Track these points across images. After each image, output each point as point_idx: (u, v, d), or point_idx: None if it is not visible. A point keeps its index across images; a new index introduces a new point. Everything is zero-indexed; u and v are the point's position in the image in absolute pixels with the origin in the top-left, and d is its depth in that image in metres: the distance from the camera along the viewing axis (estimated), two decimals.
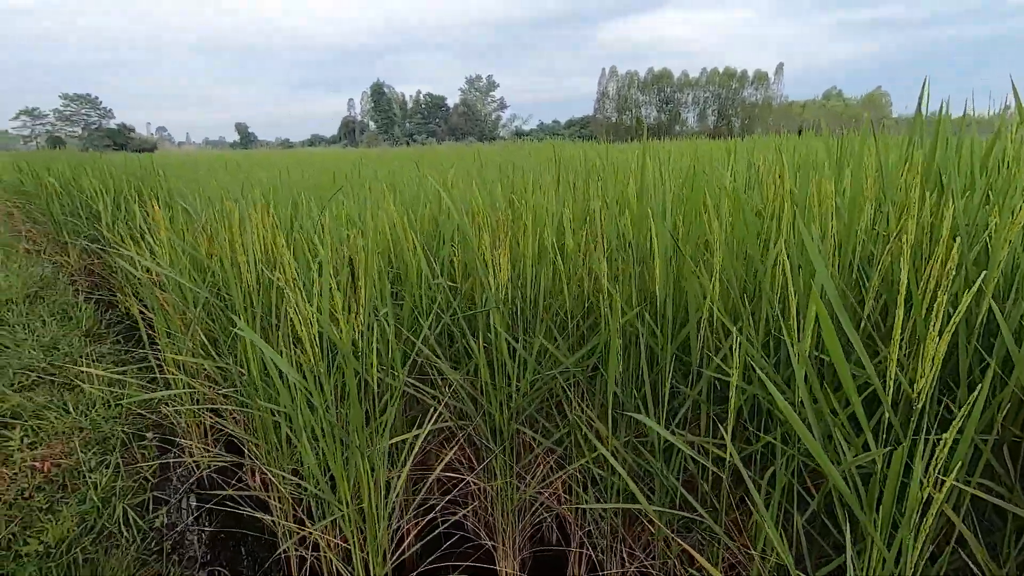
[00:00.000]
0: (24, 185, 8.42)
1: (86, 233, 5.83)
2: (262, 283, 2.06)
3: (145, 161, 8.38)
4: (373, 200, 2.63)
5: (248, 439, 2.17)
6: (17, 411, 2.92)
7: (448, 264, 2.14)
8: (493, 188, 2.56)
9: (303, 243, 2.00)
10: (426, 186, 2.89)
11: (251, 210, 2.28)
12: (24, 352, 3.77)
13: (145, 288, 3.89)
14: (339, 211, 2.48)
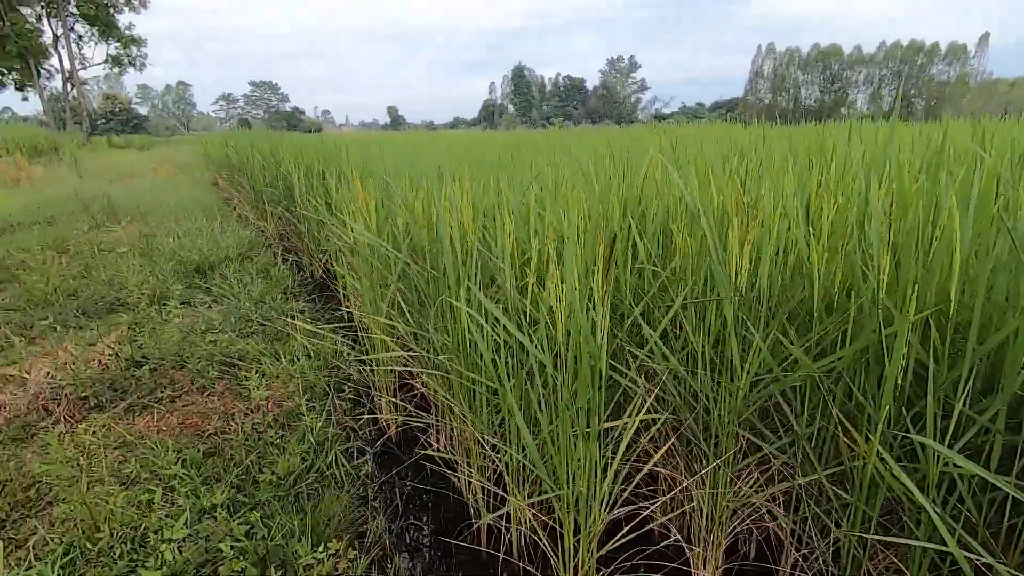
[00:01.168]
0: (231, 159, 9.73)
1: (282, 203, 6.59)
2: (474, 255, 2.11)
3: (327, 139, 9.28)
4: (566, 180, 2.58)
5: (446, 401, 2.26)
6: (242, 355, 3.36)
7: (658, 247, 2.02)
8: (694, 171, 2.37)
9: (526, 217, 2.00)
10: (619, 168, 2.78)
11: (455, 185, 2.34)
12: (241, 303, 4.34)
13: (338, 254, 4.26)
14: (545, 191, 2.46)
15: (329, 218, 4.19)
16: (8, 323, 4.06)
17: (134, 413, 2.82)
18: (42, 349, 3.62)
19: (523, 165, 4.12)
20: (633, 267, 2.00)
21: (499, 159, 4.56)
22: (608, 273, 1.31)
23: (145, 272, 5.08)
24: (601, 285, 1.32)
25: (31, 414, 2.79)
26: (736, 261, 1.56)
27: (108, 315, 4.30)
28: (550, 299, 1.39)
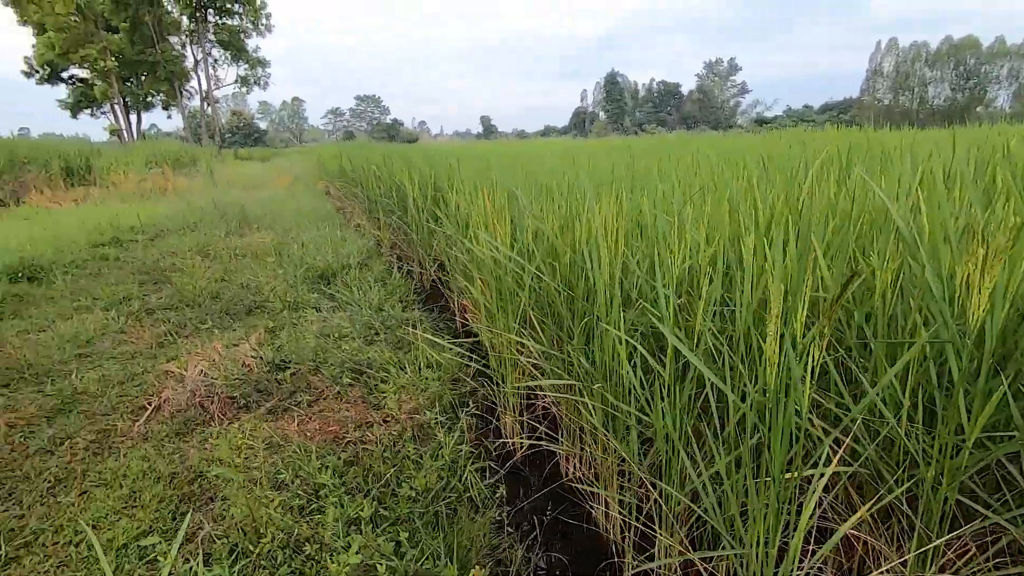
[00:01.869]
0: (346, 170, 10.32)
1: (395, 212, 6.85)
2: (626, 277, 2.00)
3: (433, 149, 9.60)
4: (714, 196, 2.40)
5: (588, 428, 2.15)
6: (370, 362, 3.46)
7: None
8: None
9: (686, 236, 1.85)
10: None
11: (605, 201, 2.23)
12: (363, 311, 4.51)
13: (453, 264, 4.31)
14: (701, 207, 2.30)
15: (454, 231, 4.25)
16: (167, 321, 4.49)
17: (276, 415, 2.98)
18: (195, 347, 3.96)
19: (644, 174, 3.95)
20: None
21: (615, 168, 4.43)
22: (831, 317, 1.14)
23: (277, 277, 5.45)
24: (824, 330, 1.15)
25: (189, 409, 3.03)
26: (971, 298, 1.32)
27: (247, 317, 4.64)
28: (768, 348, 1.23)
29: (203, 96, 38.83)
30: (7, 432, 2.85)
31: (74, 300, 5.23)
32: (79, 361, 3.74)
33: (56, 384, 3.40)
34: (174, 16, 35.96)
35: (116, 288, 5.50)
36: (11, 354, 3.84)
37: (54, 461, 2.60)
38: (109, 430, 2.88)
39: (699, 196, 2.58)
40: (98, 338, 4.18)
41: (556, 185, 3.49)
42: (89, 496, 2.32)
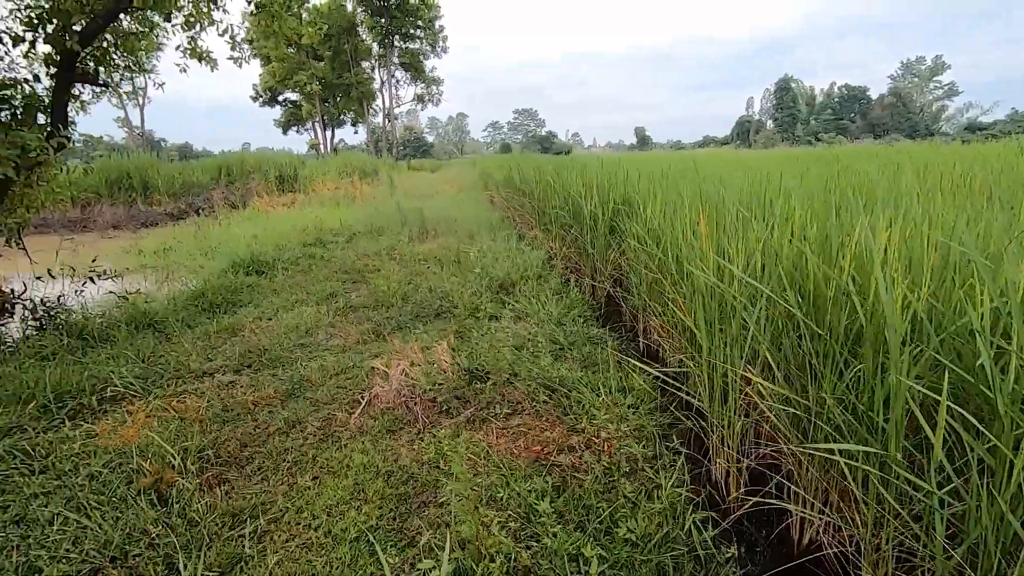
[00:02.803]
0: (515, 181, 10.63)
1: (570, 226, 6.82)
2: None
3: (592, 161, 9.48)
4: None
5: (849, 491, 1.79)
6: (562, 380, 3.37)
7: None
8: None
9: None
10: None
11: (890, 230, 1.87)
12: (545, 324, 4.48)
13: (643, 282, 4.07)
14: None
15: (651, 248, 4.04)
16: (369, 320, 4.89)
17: (475, 424, 3.01)
18: (394, 346, 4.24)
19: (865, 187, 3.35)
20: None
21: (814, 181, 3.85)
22: None
23: (460, 285, 5.69)
24: None
25: (397, 408, 3.20)
26: None
27: (435, 320, 4.88)
28: None
29: (385, 113, 43.42)
30: (252, 410, 3.25)
31: (292, 293, 5.97)
32: (302, 351, 4.20)
33: (287, 370, 3.83)
34: (367, 44, 40.71)
35: (324, 285, 6.17)
36: (251, 339, 4.45)
37: (290, 443, 2.88)
38: (331, 419, 3.14)
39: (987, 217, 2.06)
40: (314, 330, 4.68)
41: (769, 199, 3.11)
42: (321, 483, 2.51)
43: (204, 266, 8.70)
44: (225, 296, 5.79)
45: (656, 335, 4.27)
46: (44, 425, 3.02)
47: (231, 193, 18.32)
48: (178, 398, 3.41)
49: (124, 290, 5.50)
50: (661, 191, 4.77)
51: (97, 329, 4.59)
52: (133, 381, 3.52)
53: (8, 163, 4.09)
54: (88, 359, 3.96)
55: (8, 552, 2.08)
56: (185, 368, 3.88)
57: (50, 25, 4.66)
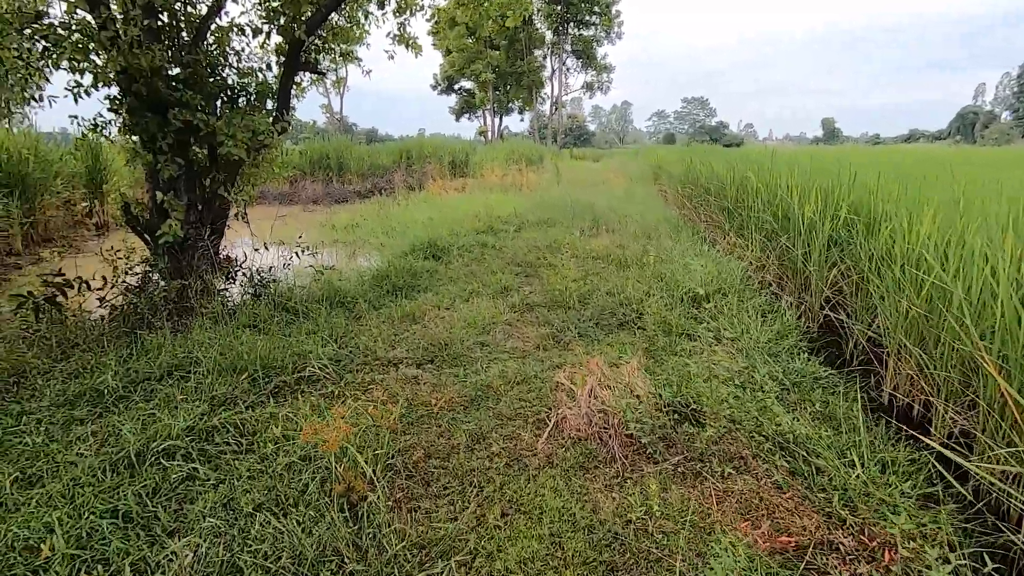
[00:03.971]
0: (698, 176, 9.66)
1: (776, 233, 5.86)
2: None
3: (799, 158, 8.14)
4: None
5: None
6: (794, 436, 2.69)
7: None
8: None
9: None
10: None
11: None
12: (751, 351, 3.76)
13: (899, 317, 3.16)
14: None
15: (943, 284, 3.14)
16: (548, 323, 4.58)
17: (686, 479, 2.49)
18: (576, 357, 3.86)
19: None
20: None
21: None
22: None
23: (642, 291, 5.13)
24: None
25: (589, 439, 2.79)
26: None
27: (619, 331, 4.41)
28: None
29: (553, 101, 43.65)
30: (436, 414, 3.09)
31: (467, 283, 5.91)
32: (481, 350, 4.01)
33: (467, 370, 3.65)
34: (540, 32, 41.08)
35: (498, 277, 6.03)
36: (431, 330, 4.39)
37: (475, 462, 2.63)
38: (516, 438, 2.85)
39: None
40: (491, 327, 4.49)
41: None
42: (512, 525, 2.20)
43: (385, 244, 9.24)
44: (406, 280, 5.91)
45: (912, 386, 3.33)
46: (252, 399, 3.15)
47: (409, 176, 19.64)
48: (366, 389, 3.39)
49: (321, 265, 5.88)
50: (925, 203, 3.74)
51: (298, 303, 4.90)
52: (328, 363, 3.59)
53: (242, 145, 4.45)
54: (291, 333, 4.18)
55: (217, 540, 2.07)
56: (372, 354, 3.90)
57: (283, 17, 5.01)
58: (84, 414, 2.98)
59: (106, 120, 4.60)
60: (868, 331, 4.18)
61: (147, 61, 4.07)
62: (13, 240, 9.38)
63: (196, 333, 4.11)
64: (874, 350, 3.92)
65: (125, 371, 3.47)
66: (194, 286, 4.71)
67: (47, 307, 4.39)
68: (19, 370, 3.54)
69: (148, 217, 4.84)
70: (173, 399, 3.10)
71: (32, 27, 3.59)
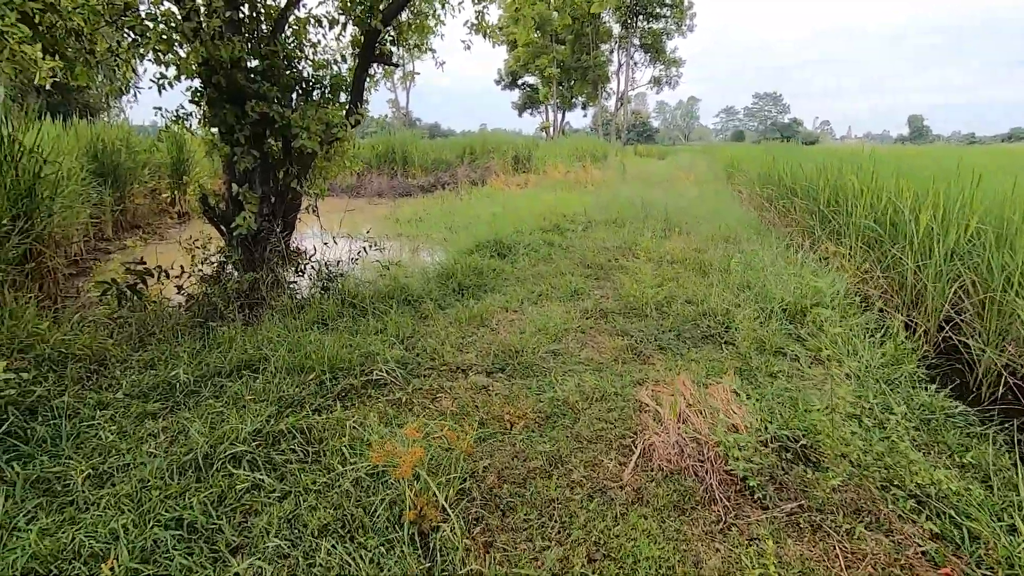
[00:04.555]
0: (781, 178, 8.98)
1: (877, 238, 5.27)
2: None
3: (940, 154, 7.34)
4: None
5: None
6: (937, 489, 2.26)
7: None
8: None
9: None
10: None
11: None
12: (864, 379, 3.30)
13: None
14: None
15: None
16: (625, 334, 4.26)
17: (803, 531, 2.13)
18: (658, 373, 3.53)
19: None
20: None
21: None
22: None
23: (727, 301, 4.70)
24: None
25: (682, 474, 2.47)
26: None
27: (703, 345, 4.03)
28: None
29: (619, 97, 42.66)
30: (509, 430, 2.85)
31: (535, 284, 5.66)
32: (554, 360, 3.75)
33: (540, 382, 3.40)
34: (608, 25, 40.16)
35: (567, 279, 5.74)
36: (500, 335, 4.16)
37: (555, 490, 2.37)
38: (598, 465, 2.57)
39: None
40: (563, 334, 4.21)
41: None
42: (601, 573, 1.92)
43: (448, 239, 9.14)
44: (472, 279, 5.73)
45: None
46: (319, 403, 3.03)
47: (472, 171, 19.60)
48: (434, 397, 3.20)
49: (387, 260, 5.79)
50: None
51: (365, 299, 4.81)
52: (395, 366, 3.43)
53: (316, 138, 4.38)
54: (358, 331, 4.06)
55: (281, 564, 1.92)
56: (439, 358, 3.71)
57: (359, 7, 4.91)
58: (156, 408, 2.94)
59: (187, 112, 4.65)
60: (1002, 358, 3.62)
61: (228, 52, 4.05)
62: (104, 226, 9.95)
63: (266, 326, 4.08)
64: (1016, 383, 3.37)
65: (197, 364, 3.45)
66: (265, 278, 4.70)
67: (129, 294, 4.50)
68: (100, 357, 3.59)
69: (224, 208, 4.88)
70: (241, 398, 3.03)
71: (121, 19, 3.62)
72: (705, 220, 8.86)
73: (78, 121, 11.47)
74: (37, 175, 5.26)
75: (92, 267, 8.01)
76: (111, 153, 10.30)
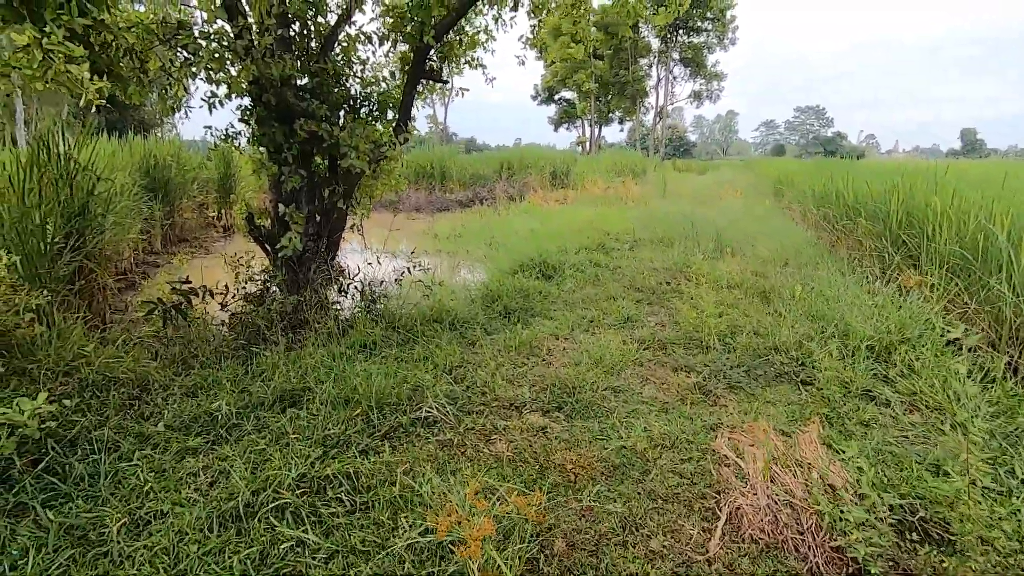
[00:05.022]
0: (842, 196, 8.48)
1: (964, 266, 4.79)
2: None
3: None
4: None
5: None
6: None
7: None
8: None
9: None
10: None
11: None
12: (972, 432, 2.89)
13: None
14: None
15: None
16: (689, 369, 3.93)
17: None
18: (731, 417, 3.19)
19: None
20: None
21: None
22: None
23: (799, 333, 4.32)
24: None
25: (781, 549, 2.14)
26: None
27: (776, 384, 3.67)
28: None
29: (657, 111, 42.16)
30: (574, 482, 2.57)
31: (585, 309, 5.38)
32: (615, 398, 3.45)
33: (603, 423, 3.11)
34: (647, 40, 39.86)
35: (619, 304, 5.43)
36: (553, 367, 3.90)
37: (632, 563, 2.07)
38: (678, 532, 2.26)
39: None
40: (621, 367, 3.91)
41: None
42: None
43: (488, 256, 8.95)
44: (519, 301, 5.48)
45: None
46: (366, 442, 2.81)
47: (510, 186, 19.50)
48: (487, 438, 2.95)
49: (431, 277, 5.60)
50: None
51: (408, 321, 4.62)
52: (444, 401, 3.20)
53: (365, 157, 4.24)
54: (404, 360, 3.86)
55: None
56: (491, 392, 3.47)
57: (410, 23, 4.79)
58: (197, 444, 2.78)
59: (237, 131, 4.59)
60: None
61: (278, 70, 3.96)
62: (154, 239, 10.16)
63: (309, 351, 3.92)
64: None
65: (239, 393, 3.29)
66: (309, 300, 4.57)
67: (174, 314, 4.43)
68: (143, 381, 3.48)
69: (269, 228, 4.79)
70: (285, 434, 2.84)
71: (175, 38, 3.55)
72: (760, 240, 8.41)
73: (132, 137, 11.84)
74: (90, 192, 5.30)
75: (140, 281, 8.13)
76: (162, 168, 10.54)
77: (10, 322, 3.46)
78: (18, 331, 3.51)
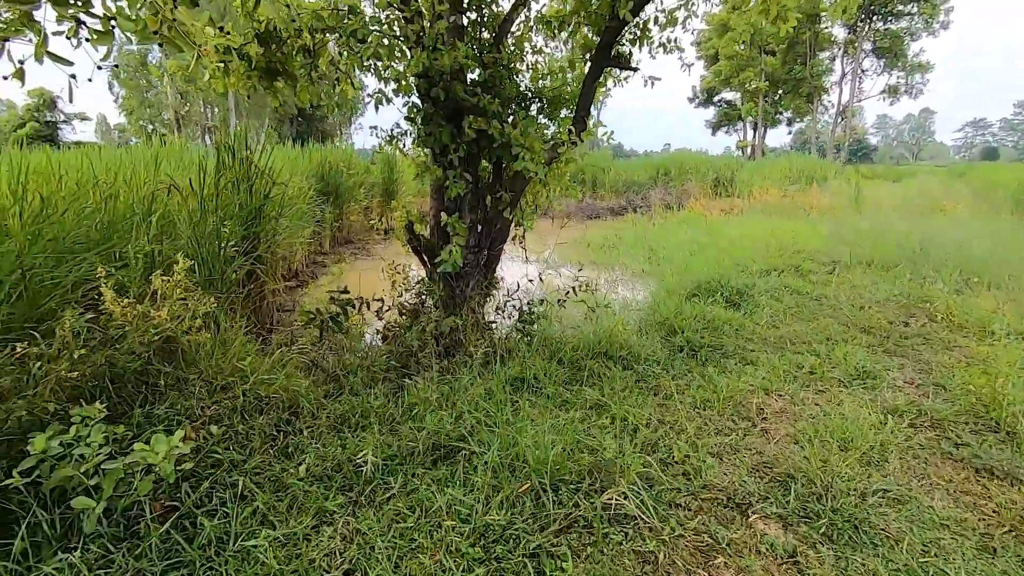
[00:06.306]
0: None
1: None
2: None
3: None
4: None
5: None
6: None
7: None
8: None
9: None
10: None
11: None
12: None
13: None
14: None
15: None
16: (997, 473, 2.65)
17: None
18: None
19: None
20: None
21: None
22: None
23: None
24: None
25: None
26: None
27: None
28: None
29: (839, 110, 37.02)
30: None
31: (794, 351, 4.20)
32: (894, 514, 2.33)
33: (884, 559, 2.05)
34: (828, 31, 35.17)
35: (842, 350, 4.15)
36: (779, 445, 2.86)
37: None
38: None
39: None
40: (880, 455, 2.75)
41: None
42: None
43: (648, 271, 7.94)
44: (705, 336, 4.46)
45: None
46: (538, 542, 2.09)
47: (667, 193, 18.09)
48: (707, 558, 2.06)
49: (594, 299, 4.81)
50: None
51: (572, 354, 3.89)
52: (640, 487, 2.37)
53: (540, 158, 3.58)
54: (571, 403, 3.11)
55: None
56: (696, 474, 2.56)
57: (598, 1, 4.04)
58: (336, 505, 2.28)
59: (403, 131, 4.22)
60: None
61: (450, 60, 3.45)
62: (324, 240, 10.74)
63: (464, 383, 3.36)
64: None
65: (387, 435, 2.79)
66: (466, 320, 4.04)
67: (330, 324, 4.19)
68: (293, 403, 3.16)
69: (429, 238, 4.36)
70: (437, 509, 2.23)
71: (343, 24, 3.19)
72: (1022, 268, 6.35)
73: (312, 145, 12.78)
74: (266, 196, 5.37)
75: (309, 279, 8.48)
76: (335, 174, 11.13)
77: (179, 328, 3.35)
78: (185, 338, 3.39)
